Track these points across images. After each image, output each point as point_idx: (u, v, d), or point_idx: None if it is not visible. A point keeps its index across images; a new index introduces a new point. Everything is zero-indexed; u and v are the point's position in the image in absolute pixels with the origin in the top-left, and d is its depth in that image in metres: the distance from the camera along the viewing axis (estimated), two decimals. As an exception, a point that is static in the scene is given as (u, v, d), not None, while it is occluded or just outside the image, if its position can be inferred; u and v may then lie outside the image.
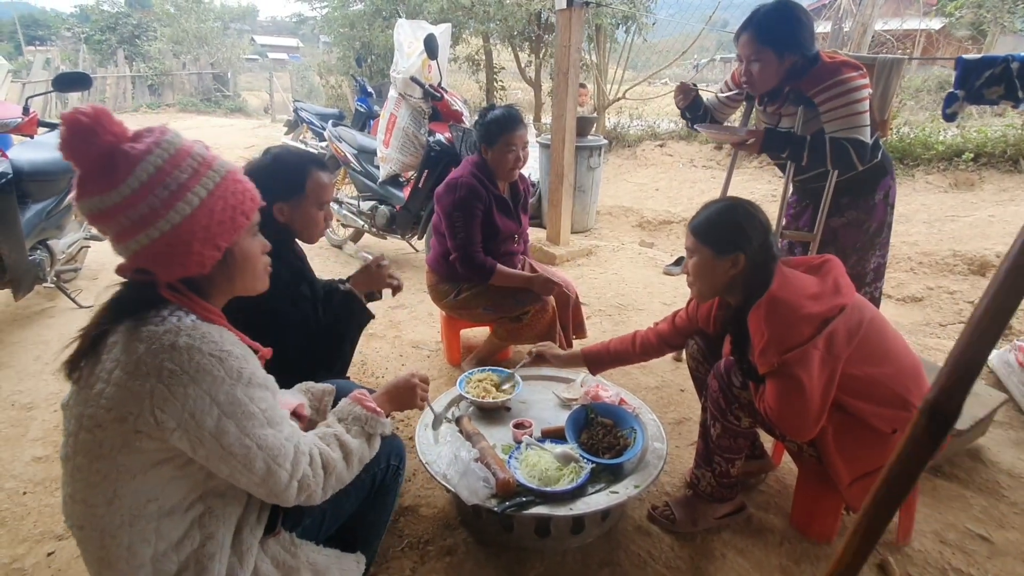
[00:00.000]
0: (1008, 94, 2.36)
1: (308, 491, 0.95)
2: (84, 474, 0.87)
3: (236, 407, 0.86)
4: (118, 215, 0.84)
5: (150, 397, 0.82)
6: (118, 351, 0.86)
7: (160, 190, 0.84)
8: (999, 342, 2.94)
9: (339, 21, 9.73)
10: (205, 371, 0.84)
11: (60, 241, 3.13)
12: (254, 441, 0.88)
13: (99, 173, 0.83)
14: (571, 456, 1.54)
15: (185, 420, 0.83)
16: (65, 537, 1.64)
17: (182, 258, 0.87)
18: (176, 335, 0.84)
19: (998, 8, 8.41)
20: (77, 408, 0.88)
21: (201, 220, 0.87)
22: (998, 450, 2.01)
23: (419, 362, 2.66)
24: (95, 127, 0.81)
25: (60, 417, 2.24)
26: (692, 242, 1.48)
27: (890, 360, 1.39)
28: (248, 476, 0.89)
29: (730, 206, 1.46)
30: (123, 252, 0.89)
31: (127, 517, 0.86)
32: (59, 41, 18.19)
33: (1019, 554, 1.59)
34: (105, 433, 0.84)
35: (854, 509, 1.49)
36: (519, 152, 2.20)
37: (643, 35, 7.14)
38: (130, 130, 0.87)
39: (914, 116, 6.57)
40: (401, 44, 3.62)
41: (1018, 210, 4.17)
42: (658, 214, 5.42)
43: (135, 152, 0.83)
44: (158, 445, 0.85)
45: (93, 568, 0.92)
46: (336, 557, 1.11)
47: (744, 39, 1.90)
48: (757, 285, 1.39)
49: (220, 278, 0.95)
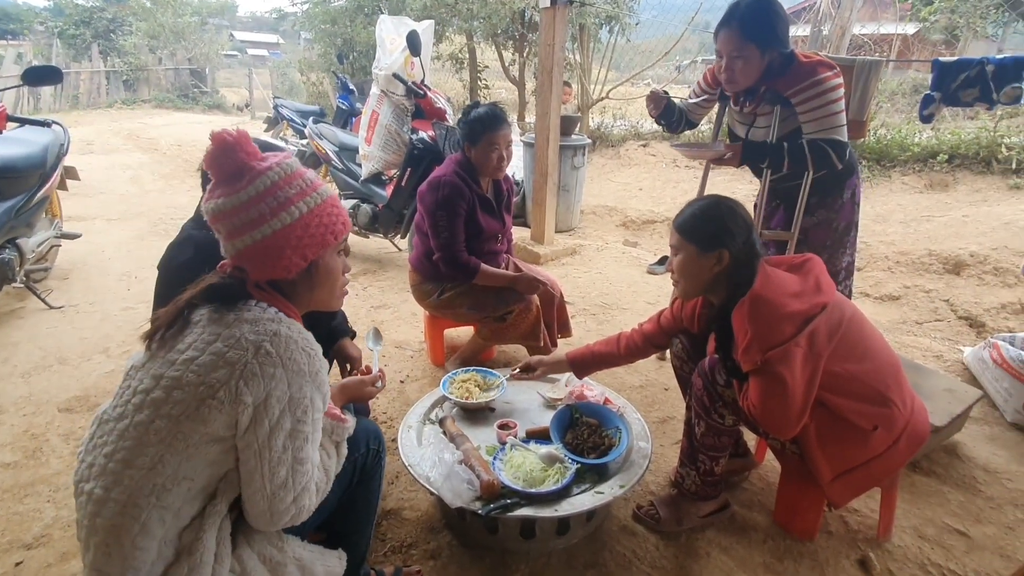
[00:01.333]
0: (983, 96, 2.42)
1: (296, 520, 1.00)
2: (139, 432, 0.91)
3: (298, 406, 0.95)
4: (233, 216, 0.98)
5: (242, 369, 0.91)
6: (216, 327, 0.95)
7: (270, 200, 0.98)
8: (974, 339, 3.01)
9: (320, 17, 9.61)
10: (295, 361, 0.95)
11: (30, 240, 3.04)
12: (292, 450, 0.95)
13: (227, 181, 0.98)
14: (556, 457, 1.53)
15: (260, 400, 0.91)
16: (34, 546, 1.58)
17: (273, 261, 1.00)
18: (279, 324, 0.97)
19: (971, 13, 8.62)
20: (157, 369, 0.95)
21: (296, 231, 1.00)
22: (974, 445, 2.05)
23: (402, 362, 2.63)
24: (235, 145, 0.97)
25: (30, 422, 2.16)
26: (677, 239, 1.48)
27: (870, 357, 1.41)
28: (263, 481, 0.94)
29: (714, 203, 1.47)
30: (230, 251, 1.01)
31: (159, 488, 0.90)
32: (31, 35, 17.67)
33: (995, 548, 1.62)
34: (183, 394, 0.91)
35: (835, 505, 1.50)
36: (502, 151, 2.18)
37: (626, 35, 7.17)
38: (261, 153, 1.02)
39: (890, 118, 6.70)
40: (383, 41, 3.58)
41: (991, 210, 4.28)
42: (641, 213, 5.45)
43: (259, 168, 0.99)
44: (224, 420, 0.91)
45: (98, 538, 0.90)
46: (320, 553, 1.13)
47: (726, 35, 1.88)
48: (741, 283, 1.40)
49: (303, 287, 1.07)
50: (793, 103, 1.89)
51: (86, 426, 2.13)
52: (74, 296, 3.32)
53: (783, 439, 1.47)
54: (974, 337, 3.08)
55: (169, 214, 5.20)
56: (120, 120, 11.53)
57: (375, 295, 3.38)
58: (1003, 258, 3.58)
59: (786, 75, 1.88)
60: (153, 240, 4.44)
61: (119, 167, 7.15)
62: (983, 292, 3.42)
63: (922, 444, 1.48)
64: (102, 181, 6.31)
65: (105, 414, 0.98)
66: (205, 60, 16.05)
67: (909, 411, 1.44)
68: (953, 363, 2.64)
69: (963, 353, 2.65)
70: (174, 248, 1.51)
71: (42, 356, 2.64)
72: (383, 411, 2.24)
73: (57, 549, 1.58)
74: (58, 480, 1.84)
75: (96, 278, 3.61)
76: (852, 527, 1.67)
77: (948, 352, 2.76)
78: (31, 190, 2.91)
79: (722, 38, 1.89)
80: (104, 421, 0.98)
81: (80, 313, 3.10)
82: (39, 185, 2.96)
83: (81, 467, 0.97)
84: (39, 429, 2.10)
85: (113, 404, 0.99)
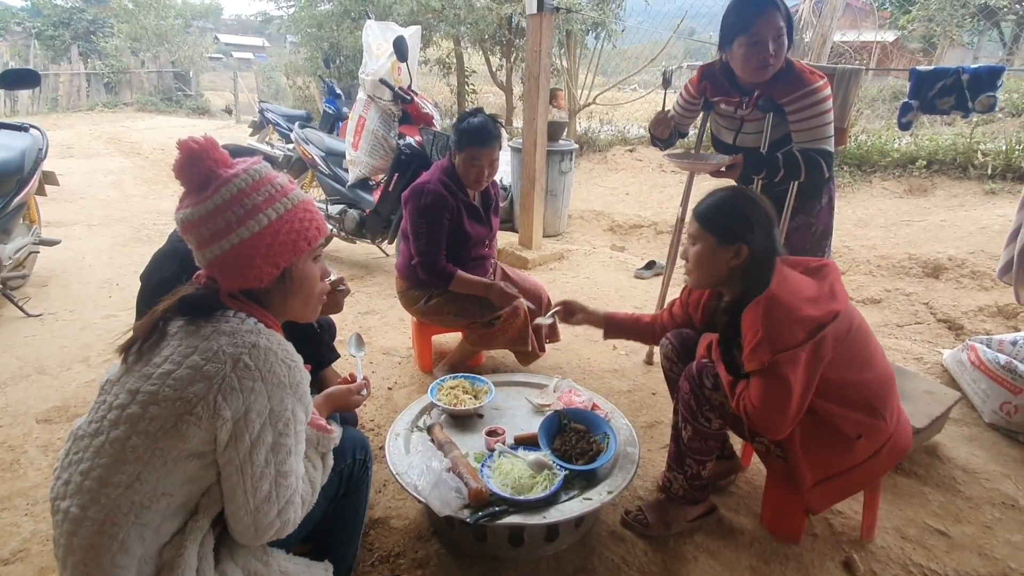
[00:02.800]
0: (959, 104, 2.48)
1: (281, 533, 0.99)
2: (115, 449, 0.89)
3: (280, 419, 0.94)
4: (200, 226, 0.96)
5: (220, 383, 0.89)
6: (193, 339, 0.93)
7: (237, 208, 0.96)
8: (953, 342, 3.06)
9: (306, 21, 9.54)
10: (274, 374, 0.94)
11: (7, 246, 2.97)
12: (274, 464, 0.94)
13: (195, 190, 0.97)
14: (544, 463, 1.53)
15: (239, 414, 0.90)
16: (11, 562, 1.54)
17: (244, 270, 0.98)
18: (257, 335, 0.95)
19: (947, 22, 8.84)
20: (133, 384, 0.93)
21: (266, 239, 0.98)
22: (953, 446, 2.08)
23: (390, 369, 2.62)
24: (202, 153, 0.95)
25: (7, 433, 2.11)
26: (696, 228, 1.44)
27: (868, 367, 1.41)
28: (246, 496, 0.92)
29: (737, 195, 1.44)
30: (202, 261, 1.00)
31: (137, 506, 0.88)
32: (8, 36, 17.35)
33: (975, 547, 1.65)
34: (159, 409, 0.89)
35: (813, 511, 1.51)
36: (483, 167, 2.17)
37: (613, 41, 7.22)
38: (231, 159, 1.00)
39: (870, 124, 6.82)
40: (370, 46, 3.57)
41: (968, 215, 4.37)
42: (629, 218, 5.48)
43: (226, 176, 0.97)
44: (202, 436, 0.89)
45: (75, 557, 0.88)
46: (306, 566, 1.11)
47: (769, 17, 1.80)
48: (756, 280, 1.37)
49: (277, 296, 1.04)
50: (787, 111, 1.90)
51: (65, 437, 2.09)
52: (53, 304, 3.25)
53: (773, 439, 1.47)
54: (953, 339, 3.14)
55: (152, 220, 5.13)
56: (101, 123, 11.34)
57: (362, 301, 3.36)
58: (980, 262, 3.66)
59: (782, 81, 1.88)
60: (135, 246, 4.37)
61: (100, 172, 7.03)
62: (961, 295, 3.49)
63: (902, 457, 1.51)
64: (82, 186, 6.21)
65: (80, 429, 0.97)
66: (189, 63, 15.87)
67: (895, 424, 1.46)
68: (933, 365, 2.69)
69: (942, 355, 2.70)
70: (159, 260, 1.49)
71: (19, 365, 2.58)
72: (370, 418, 2.22)
73: (35, 564, 1.54)
74: (36, 493, 1.80)
75: (76, 285, 3.54)
76: (836, 529, 1.69)
77: (928, 354, 2.81)
78: (8, 195, 2.85)
79: (764, 20, 1.81)
80: (79, 437, 0.96)
81: (59, 321, 3.04)
82: (16, 190, 2.90)
83: (57, 484, 0.95)
84: (16, 441, 2.06)
85: (88, 419, 0.96)
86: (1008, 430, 2.17)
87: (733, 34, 1.88)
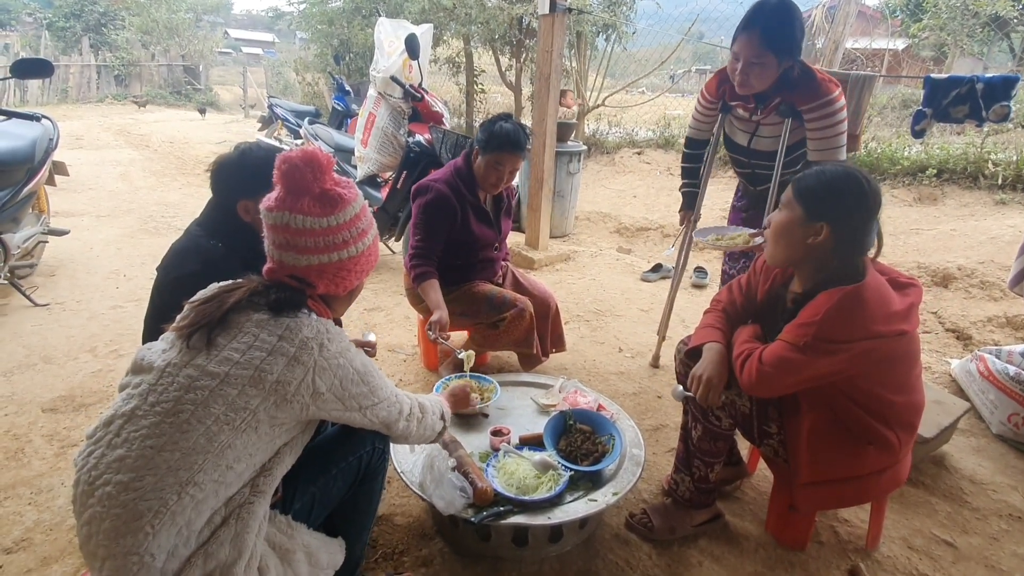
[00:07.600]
0: (973, 113, 2.46)
1: (424, 435, 1.27)
2: (202, 423, 0.94)
3: (365, 373, 1.10)
4: (318, 235, 1.07)
5: (313, 368, 1.01)
6: (275, 329, 1.01)
7: (354, 228, 1.11)
8: (962, 352, 3.04)
9: (317, 17, 9.55)
10: (348, 348, 1.09)
11: (15, 235, 2.98)
12: (375, 397, 1.12)
13: (318, 201, 1.06)
14: (549, 464, 1.52)
15: (334, 385, 1.04)
16: (14, 551, 1.55)
17: (340, 279, 1.13)
18: (327, 325, 1.08)
19: (958, 32, 8.80)
20: (208, 366, 0.97)
21: (364, 258, 1.15)
22: (961, 457, 2.07)
23: (395, 366, 2.61)
24: (327, 167, 1.08)
25: (12, 422, 2.11)
26: (788, 196, 1.35)
27: (902, 392, 1.38)
28: (372, 423, 1.13)
29: (847, 173, 1.30)
30: (293, 261, 1.08)
31: (223, 469, 0.94)
32: (19, 26, 17.46)
33: (981, 559, 1.64)
34: (256, 392, 0.97)
35: (798, 509, 1.51)
36: (504, 174, 2.15)
37: (623, 44, 7.21)
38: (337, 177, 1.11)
39: (880, 132, 6.80)
40: (382, 43, 3.57)
41: (978, 224, 4.34)
42: (635, 221, 5.47)
43: (348, 195, 1.09)
44: (295, 412, 1.00)
45: (109, 524, 0.88)
46: (324, 541, 1.16)
47: (746, 40, 1.82)
48: (835, 274, 1.30)
49: (342, 302, 1.23)
50: (805, 119, 1.90)
51: (71, 426, 2.09)
52: (60, 294, 3.26)
53: (749, 394, 1.42)
54: (961, 349, 3.12)
55: (160, 212, 5.14)
56: (111, 115, 11.40)
57: (368, 297, 3.36)
58: (989, 272, 3.64)
59: (803, 89, 1.88)
60: (143, 238, 4.38)
61: (109, 163, 7.07)
62: (970, 305, 3.47)
63: (893, 490, 1.51)
64: (91, 177, 6.23)
65: (140, 410, 0.94)
66: (199, 57, 15.94)
67: (904, 452, 1.45)
68: (941, 375, 2.67)
69: (950, 365, 2.68)
70: (180, 255, 1.47)
71: (26, 354, 2.59)
72: (375, 415, 2.22)
73: (38, 553, 1.54)
74: (40, 482, 1.80)
75: (83, 276, 3.55)
76: (842, 537, 1.68)
77: (936, 364, 2.79)
78: (18, 185, 2.86)
79: (742, 42, 1.83)
80: (131, 417, 0.94)
81: (66, 311, 3.05)
82: (26, 180, 2.91)
83: (101, 462, 0.92)
84: (21, 429, 2.06)
85: (143, 400, 0.95)
86: (1016, 442, 2.15)
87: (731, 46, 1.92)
